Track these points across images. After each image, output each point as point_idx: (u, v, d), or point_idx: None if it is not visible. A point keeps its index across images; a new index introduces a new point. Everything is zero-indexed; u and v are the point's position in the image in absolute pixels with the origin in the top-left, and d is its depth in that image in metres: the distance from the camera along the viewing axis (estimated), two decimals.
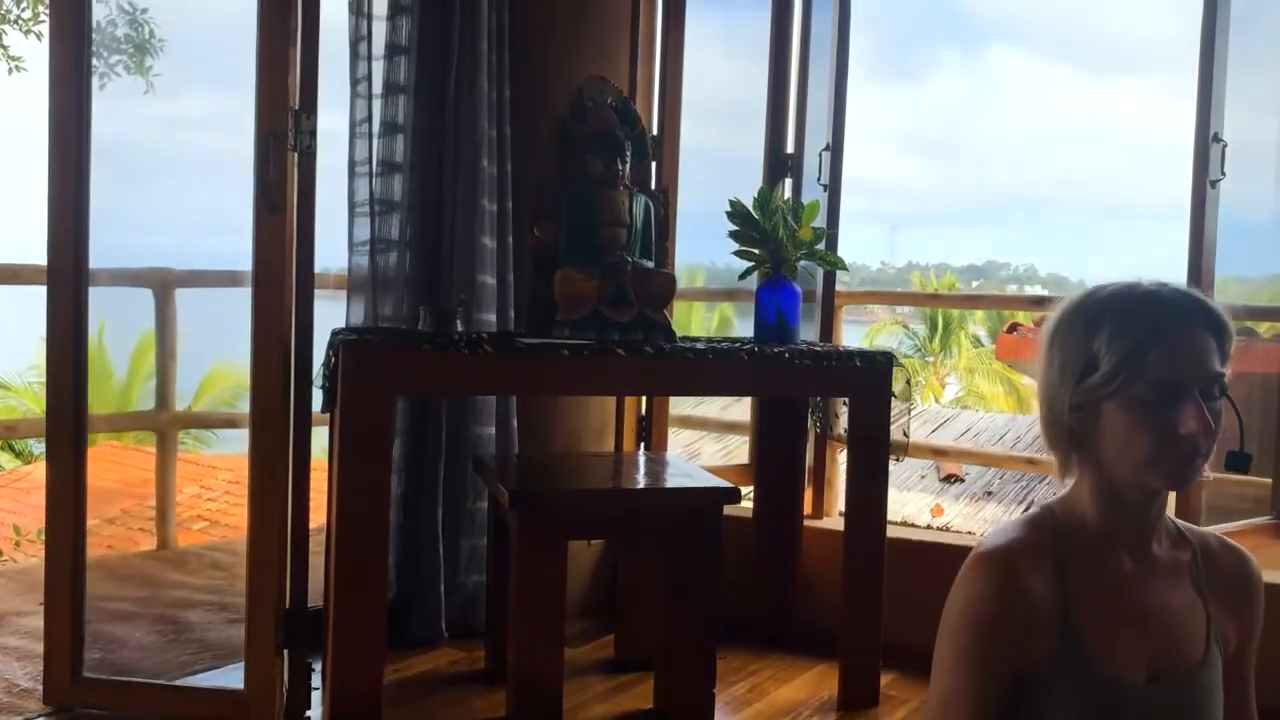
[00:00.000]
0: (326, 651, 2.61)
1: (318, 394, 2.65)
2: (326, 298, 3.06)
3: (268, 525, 2.57)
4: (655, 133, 3.47)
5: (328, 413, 2.67)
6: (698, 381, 2.81)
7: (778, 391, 3.16)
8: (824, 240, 3.10)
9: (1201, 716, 1.31)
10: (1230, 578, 1.37)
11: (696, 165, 3.65)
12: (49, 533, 2.62)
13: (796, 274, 3.11)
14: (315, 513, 2.73)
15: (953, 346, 22.44)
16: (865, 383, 2.87)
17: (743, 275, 3.11)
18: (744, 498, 3.12)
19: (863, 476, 2.88)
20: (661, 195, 3.04)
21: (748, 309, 3.75)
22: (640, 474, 3.10)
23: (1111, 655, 1.28)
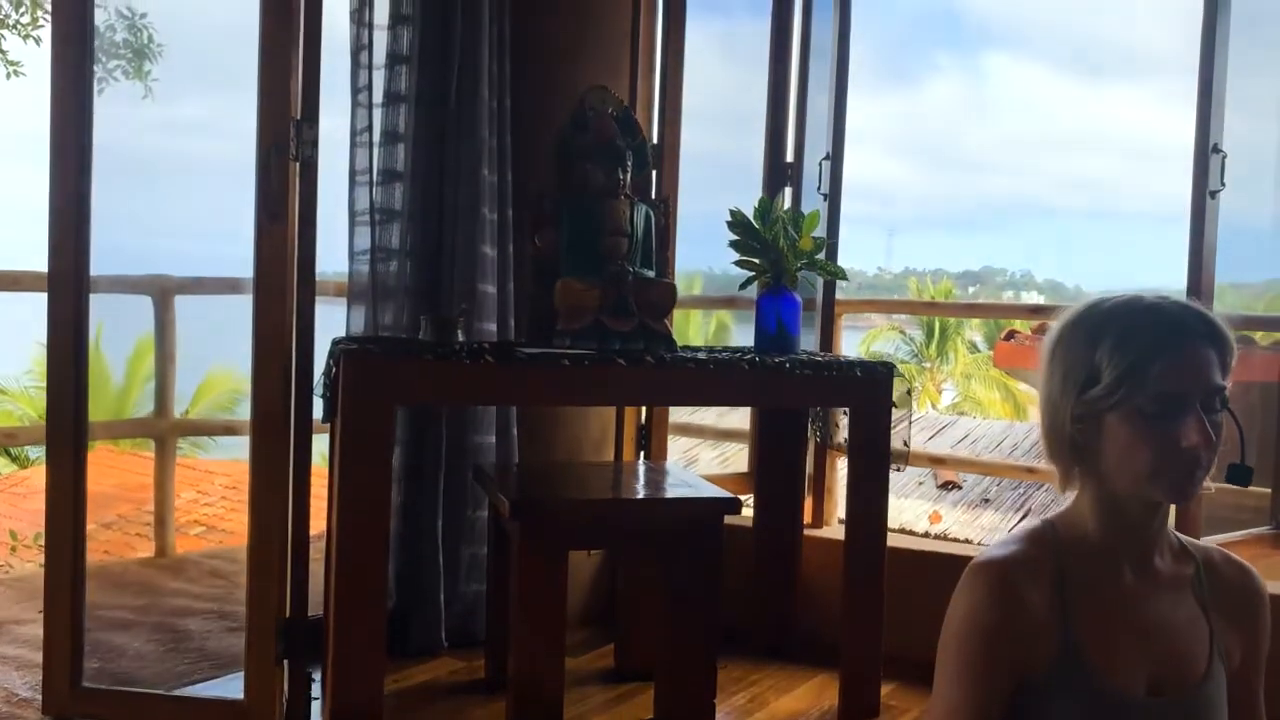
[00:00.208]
0: (326, 661, 2.60)
1: (318, 402, 2.65)
2: (325, 303, 3.06)
3: (268, 536, 2.56)
4: (655, 141, 3.47)
5: (328, 422, 2.67)
6: (699, 391, 2.81)
7: (778, 401, 3.15)
8: (824, 250, 3.10)
9: None
10: (1234, 592, 1.37)
11: (693, 170, 3.65)
12: (49, 542, 2.62)
13: (797, 283, 3.11)
14: (314, 519, 2.73)
15: (949, 352, 22.46)
16: (866, 393, 2.87)
17: (743, 285, 3.11)
18: (743, 506, 3.12)
19: (863, 486, 2.88)
20: (662, 204, 3.04)
21: (745, 315, 3.75)
22: (641, 484, 3.10)
23: (1113, 668, 1.28)
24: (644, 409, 3.62)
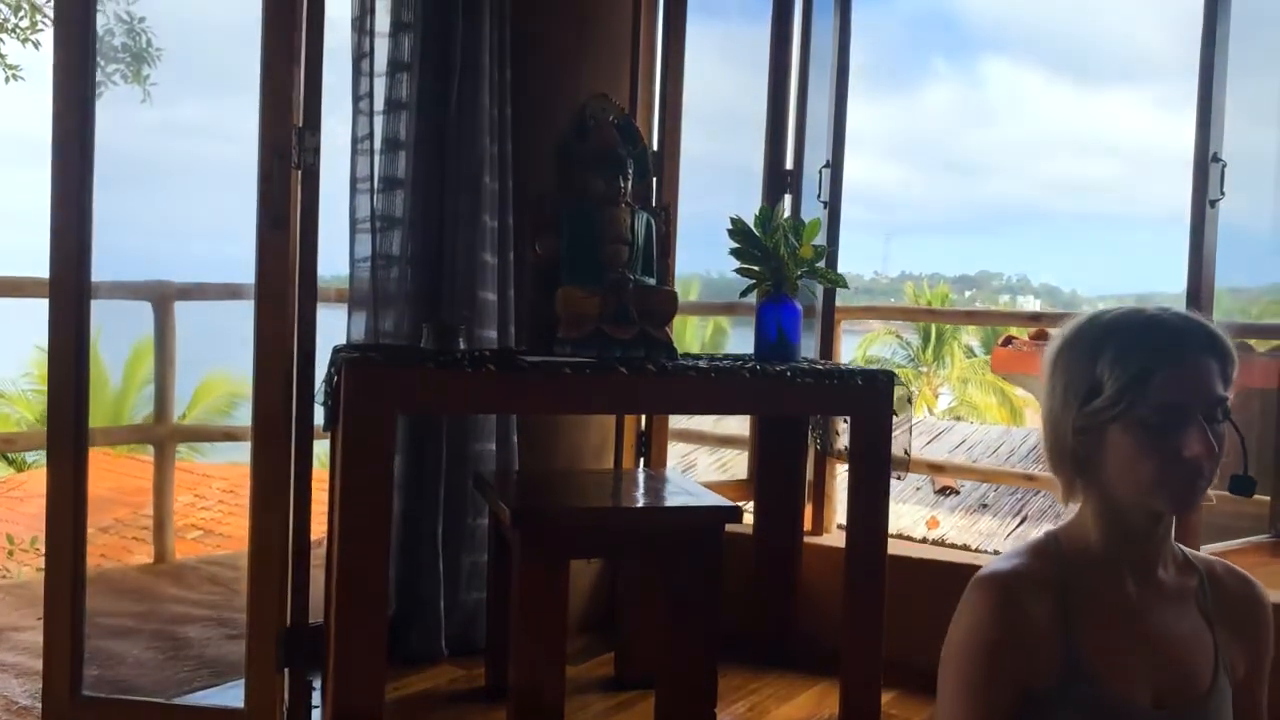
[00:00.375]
0: (327, 670, 2.60)
1: (319, 410, 2.65)
2: (326, 308, 3.05)
3: (269, 544, 2.56)
4: (655, 148, 3.47)
5: (330, 430, 2.67)
6: (700, 400, 2.80)
7: (780, 410, 3.15)
8: (824, 258, 3.10)
9: None
10: (1238, 604, 1.38)
11: (688, 173, 3.64)
12: (49, 549, 2.61)
13: (797, 291, 3.11)
14: (314, 523, 2.72)
15: (946, 357, 22.48)
16: (866, 401, 2.87)
17: (744, 293, 3.10)
18: (743, 513, 3.12)
19: (864, 494, 2.86)
20: (662, 212, 3.04)
21: (742, 319, 3.75)
22: (642, 492, 3.10)
23: (1117, 681, 1.28)
24: (643, 416, 3.62)
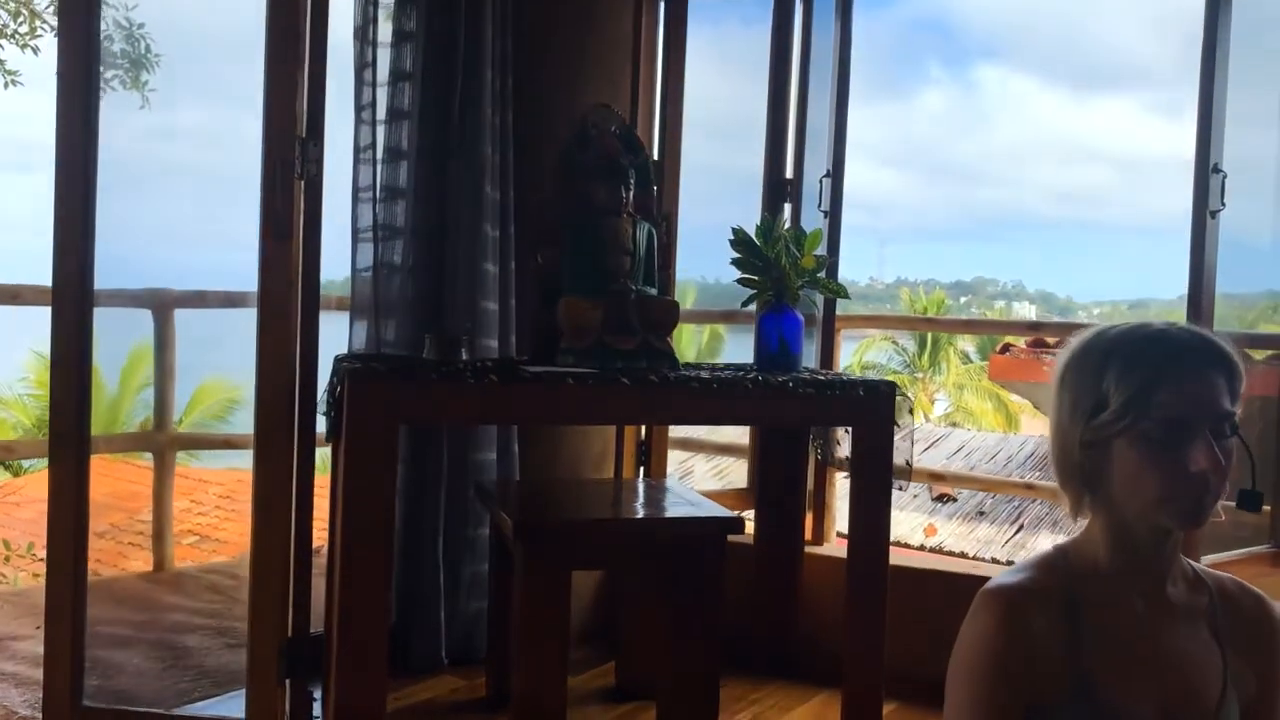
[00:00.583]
0: (328, 680, 2.59)
1: (321, 420, 2.64)
2: (326, 315, 3.04)
3: (271, 556, 2.56)
4: (656, 156, 3.47)
5: (333, 441, 2.66)
6: (702, 411, 2.79)
7: (782, 421, 3.15)
8: (825, 268, 3.10)
9: None
10: (1248, 622, 1.37)
11: (686, 180, 3.64)
12: (50, 559, 2.61)
13: (799, 301, 3.11)
14: (315, 527, 2.71)
15: (942, 362, 22.52)
16: (868, 412, 2.86)
17: (745, 303, 3.10)
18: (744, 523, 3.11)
19: (865, 505, 2.85)
20: (664, 222, 3.04)
21: (739, 326, 3.75)
22: (644, 503, 3.09)
23: (1123, 698, 1.28)
24: (644, 426, 3.62)
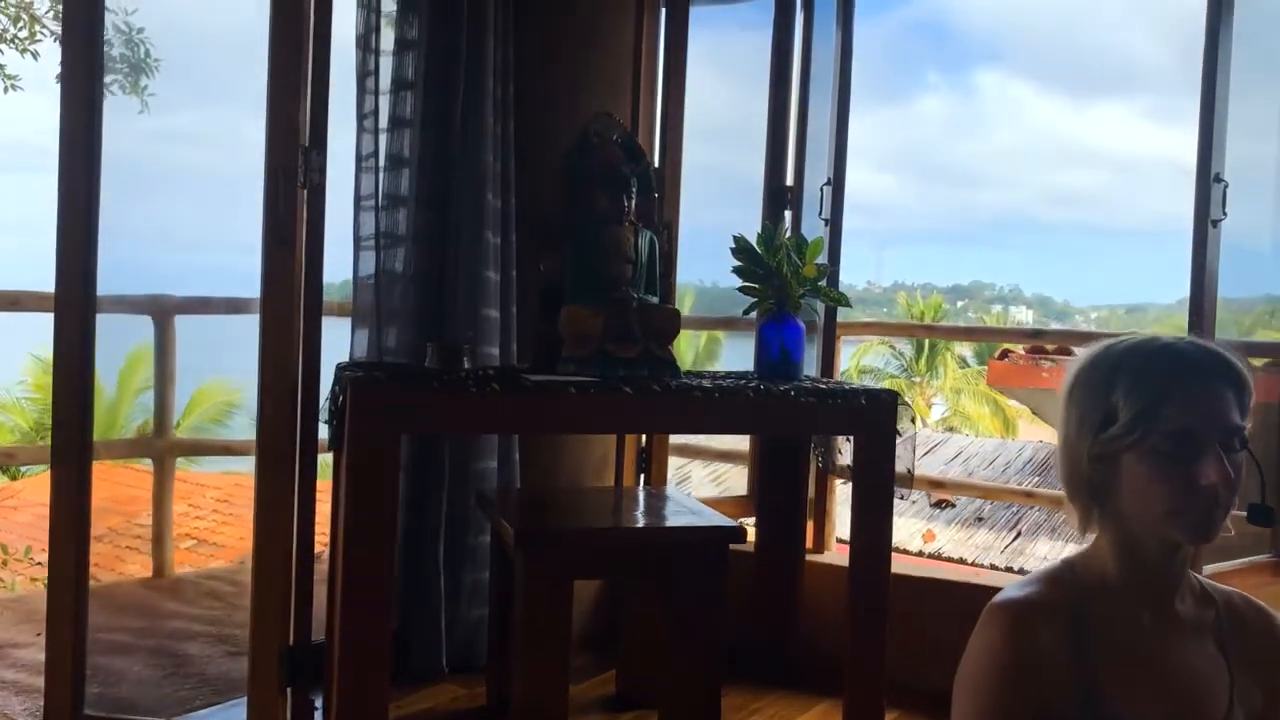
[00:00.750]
0: (330, 689, 2.59)
1: (322, 428, 2.64)
2: (327, 321, 3.04)
3: (273, 564, 2.56)
4: (657, 162, 3.47)
5: (334, 450, 2.66)
6: (705, 420, 2.78)
7: (783, 429, 3.14)
8: (827, 277, 3.10)
9: None
10: (1255, 637, 1.37)
11: (683, 182, 3.63)
12: (51, 568, 2.61)
13: (800, 310, 3.11)
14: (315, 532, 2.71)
15: (939, 367, 22.52)
16: (870, 421, 2.86)
17: (746, 311, 3.11)
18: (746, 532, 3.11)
19: (867, 515, 2.85)
20: (665, 230, 3.04)
21: (737, 331, 3.75)
22: (646, 511, 3.09)
23: (1130, 712, 1.27)
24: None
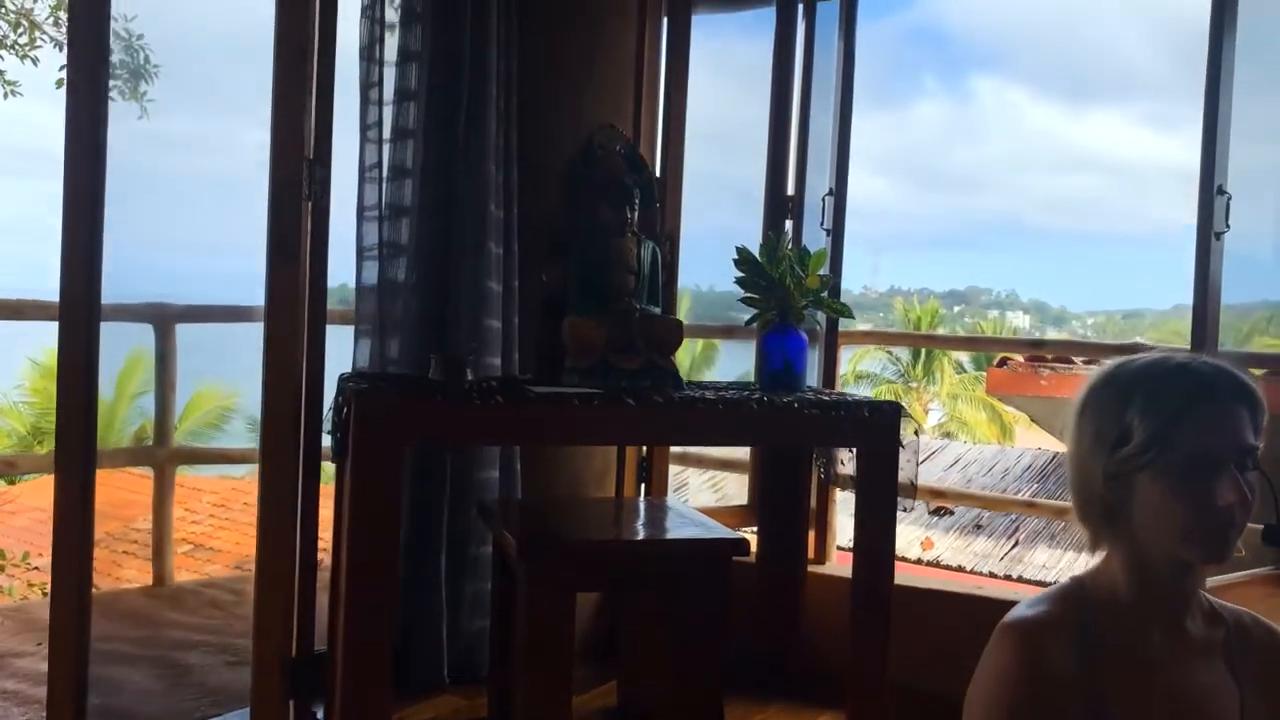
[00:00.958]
0: (332, 701, 2.59)
1: (325, 439, 2.64)
2: (329, 328, 3.04)
3: (276, 578, 2.56)
4: (659, 171, 3.47)
5: (338, 461, 2.66)
6: (708, 432, 2.79)
7: (786, 442, 3.15)
8: (829, 288, 3.10)
9: None
10: (1265, 657, 1.37)
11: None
12: (55, 578, 2.59)
13: (803, 321, 3.11)
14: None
15: (935, 372, 22.55)
16: (874, 433, 2.86)
17: (748, 322, 3.11)
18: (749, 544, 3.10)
19: (870, 528, 2.85)
20: (667, 240, 3.04)
21: (734, 336, 3.74)
22: (649, 523, 3.08)
23: None
24: None
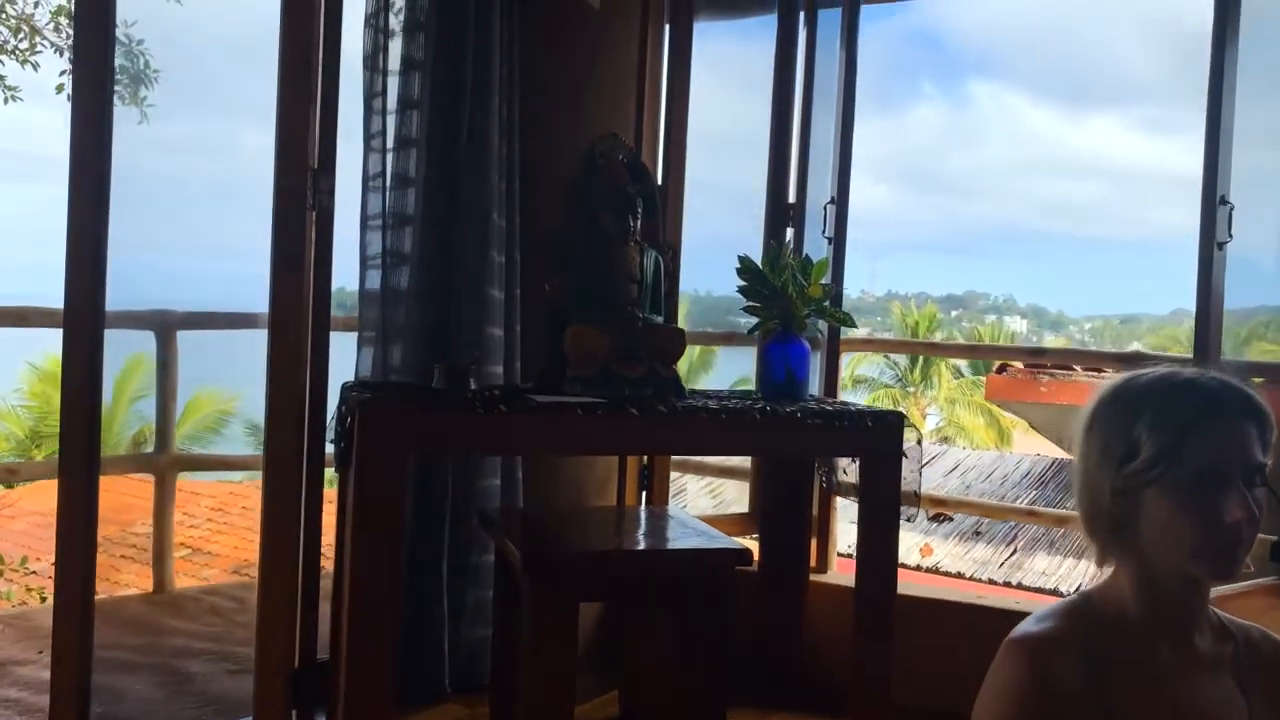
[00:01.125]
0: (335, 710, 2.58)
1: (329, 446, 2.64)
2: (332, 335, 3.04)
3: (280, 589, 2.55)
4: (660, 178, 3.48)
5: (341, 470, 2.66)
6: (710, 442, 2.79)
7: (789, 451, 3.15)
8: (831, 297, 3.11)
9: None
10: (1274, 672, 1.36)
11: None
12: (58, 587, 2.59)
13: (805, 330, 3.11)
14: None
15: (933, 377, 22.54)
16: (877, 442, 2.86)
17: (751, 331, 3.11)
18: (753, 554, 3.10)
19: (873, 537, 2.85)
20: (669, 249, 3.05)
21: (734, 343, 3.74)
22: (653, 533, 3.07)
23: None
24: None
